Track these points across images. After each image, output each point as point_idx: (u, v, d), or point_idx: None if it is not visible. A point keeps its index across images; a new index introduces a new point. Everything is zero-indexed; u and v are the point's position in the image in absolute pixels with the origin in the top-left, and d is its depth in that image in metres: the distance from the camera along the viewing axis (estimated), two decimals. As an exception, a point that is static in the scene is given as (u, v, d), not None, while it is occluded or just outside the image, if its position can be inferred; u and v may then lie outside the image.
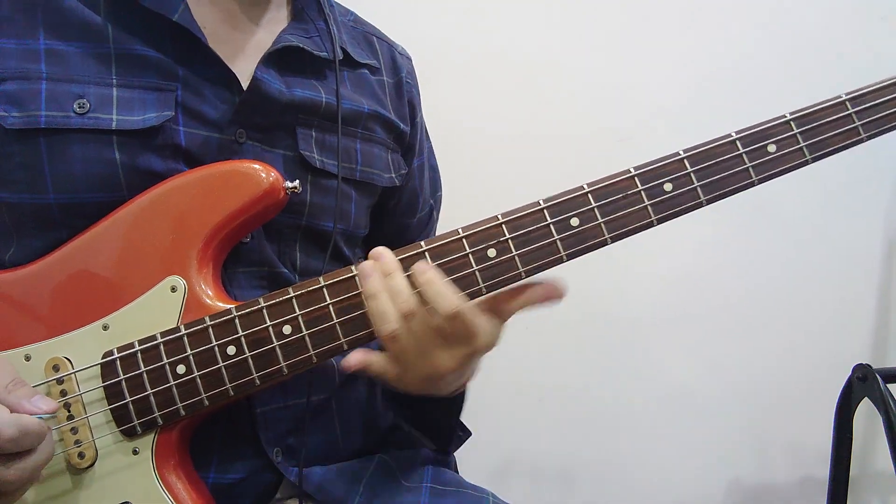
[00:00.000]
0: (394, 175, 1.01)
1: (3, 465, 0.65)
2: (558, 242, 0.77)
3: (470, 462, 1.35)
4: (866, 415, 1.63)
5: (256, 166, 0.80)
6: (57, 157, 0.77)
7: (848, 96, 0.81)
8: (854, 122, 0.80)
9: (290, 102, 0.87)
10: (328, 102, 0.91)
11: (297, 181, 0.81)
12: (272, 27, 0.92)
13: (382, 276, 0.75)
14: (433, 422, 1.01)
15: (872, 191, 1.80)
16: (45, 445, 0.68)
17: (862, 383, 1.50)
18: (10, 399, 0.68)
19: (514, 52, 1.57)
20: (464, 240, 0.77)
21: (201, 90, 0.83)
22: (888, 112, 0.81)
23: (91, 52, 0.80)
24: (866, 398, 1.50)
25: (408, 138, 1.05)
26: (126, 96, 0.80)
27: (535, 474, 1.67)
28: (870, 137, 0.81)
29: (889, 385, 1.47)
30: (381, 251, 0.77)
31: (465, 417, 1.60)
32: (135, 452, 0.75)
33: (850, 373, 1.53)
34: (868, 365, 1.50)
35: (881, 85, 0.81)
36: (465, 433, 1.03)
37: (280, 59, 0.88)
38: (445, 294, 0.74)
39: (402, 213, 1.07)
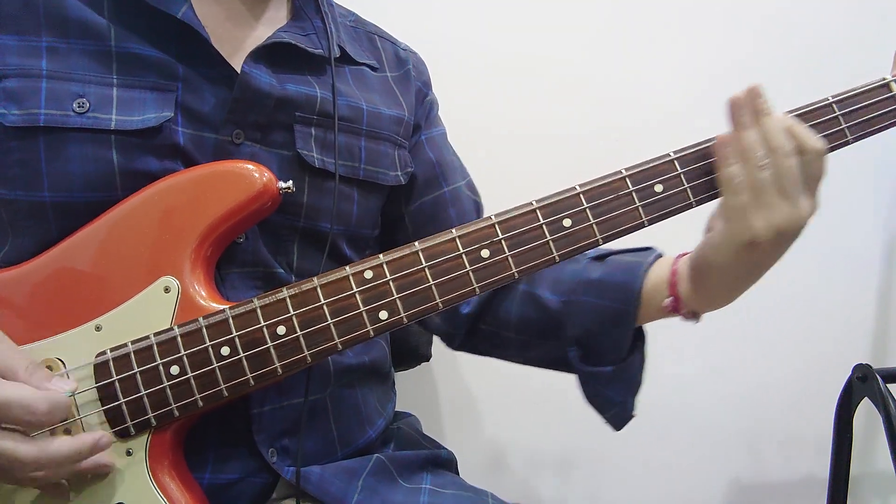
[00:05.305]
0: (400, 173, 1.00)
1: (22, 442, 0.68)
2: (551, 243, 0.78)
3: (470, 462, 1.35)
4: (866, 415, 1.62)
5: (250, 166, 0.80)
6: (54, 155, 0.77)
7: (835, 98, 0.81)
8: (841, 125, 0.81)
9: (283, 97, 0.87)
10: (324, 98, 0.90)
11: (291, 181, 0.81)
12: (272, 26, 0.93)
13: (754, 114, 0.78)
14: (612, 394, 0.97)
15: (872, 191, 1.80)
16: (70, 442, 0.70)
17: (862, 383, 1.50)
18: (33, 381, 0.70)
19: (515, 53, 1.57)
20: (457, 240, 0.78)
21: (202, 90, 0.83)
22: (873, 115, 0.81)
23: (92, 51, 0.80)
24: (866, 398, 1.50)
25: (414, 120, 1.05)
26: (126, 96, 0.80)
27: (534, 473, 1.66)
28: (856, 139, 0.82)
29: (889, 385, 1.46)
30: (760, 89, 0.78)
31: (467, 417, 1.61)
32: (128, 454, 0.75)
33: (850, 373, 1.53)
34: (868, 365, 1.49)
35: (867, 88, 0.82)
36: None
37: (271, 55, 0.88)
38: (812, 135, 0.78)
39: (422, 190, 1.06)
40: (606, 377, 0.95)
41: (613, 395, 0.96)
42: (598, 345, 0.95)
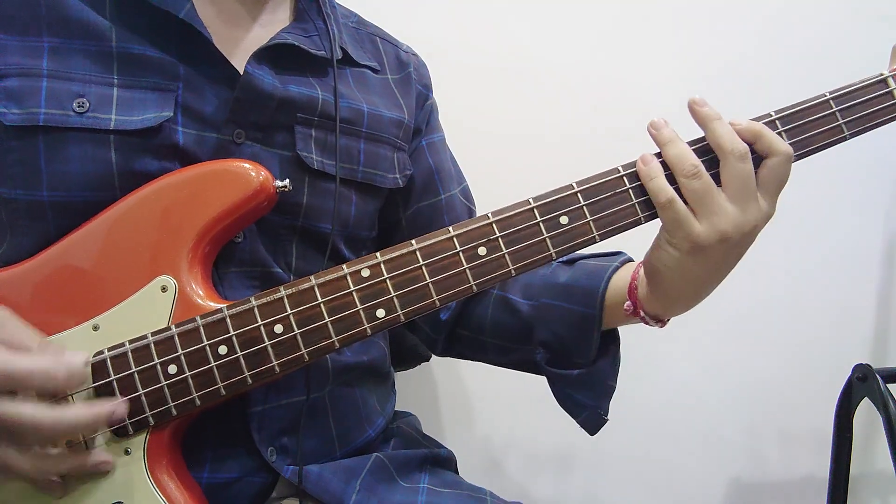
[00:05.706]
0: (398, 176, 1.01)
1: (42, 408, 0.68)
2: (548, 240, 0.78)
3: (470, 461, 1.35)
4: (866, 415, 1.62)
5: (246, 165, 0.80)
6: (54, 155, 0.78)
7: (832, 94, 0.81)
8: (838, 121, 0.81)
9: (286, 99, 0.87)
10: (325, 100, 0.91)
11: (288, 180, 0.81)
12: (273, 27, 0.93)
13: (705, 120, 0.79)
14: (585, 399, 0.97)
15: (872, 191, 1.80)
16: (88, 408, 0.71)
17: (862, 383, 1.50)
18: (47, 354, 0.71)
19: (514, 53, 1.57)
20: (454, 238, 0.78)
21: (203, 90, 0.83)
22: (870, 111, 0.81)
23: (93, 51, 0.80)
24: (866, 398, 1.50)
25: (414, 124, 1.05)
26: (126, 96, 0.80)
27: (534, 473, 1.66)
28: (853, 135, 0.81)
29: (889, 385, 1.46)
30: (702, 100, 0.80)
31: (466, 416, 1.61)
32: (126, 452, 0.75)
33: (850, 373, 1.52)
34: (868, 365, 1.49)
35: (864, 83, 0.82)
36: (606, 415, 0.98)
37: (274, 56, 0.88)
38: (779, 139, 0.78)
39: (420, 196, 1.07)
40: (573, 380, 0.95)
41: (583, 399, 0.95)
42: (565, 348, 0.95)
